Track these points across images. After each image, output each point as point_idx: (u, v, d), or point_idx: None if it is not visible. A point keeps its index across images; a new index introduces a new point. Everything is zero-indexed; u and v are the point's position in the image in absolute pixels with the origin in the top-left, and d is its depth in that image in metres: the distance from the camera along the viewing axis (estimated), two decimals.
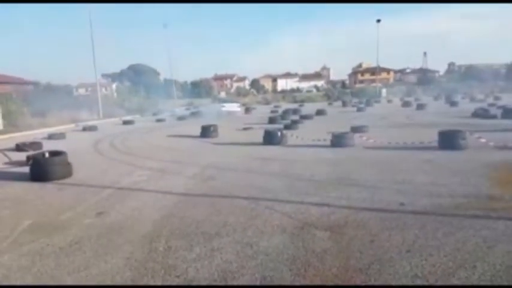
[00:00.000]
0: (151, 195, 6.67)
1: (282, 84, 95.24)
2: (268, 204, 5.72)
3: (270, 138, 12.63)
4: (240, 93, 76.06)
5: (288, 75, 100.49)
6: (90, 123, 25.13)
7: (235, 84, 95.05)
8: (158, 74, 75.30)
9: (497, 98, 34.89)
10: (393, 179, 7.03)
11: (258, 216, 5.16)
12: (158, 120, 27.79)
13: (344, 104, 39.43)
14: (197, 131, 16.26)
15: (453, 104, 30.04)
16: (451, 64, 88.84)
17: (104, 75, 73.30)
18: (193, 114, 31.42)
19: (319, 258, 3.81)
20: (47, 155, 8.85)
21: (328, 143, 11.62)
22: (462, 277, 3.31)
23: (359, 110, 29.26)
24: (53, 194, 7.07)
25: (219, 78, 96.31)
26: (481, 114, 19.47)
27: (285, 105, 41.74)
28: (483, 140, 10.28)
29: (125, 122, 26.35)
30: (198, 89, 70.97)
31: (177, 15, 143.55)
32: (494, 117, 18.23)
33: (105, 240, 4.59)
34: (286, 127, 17.32)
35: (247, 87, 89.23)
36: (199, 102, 52.16)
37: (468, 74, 70.54)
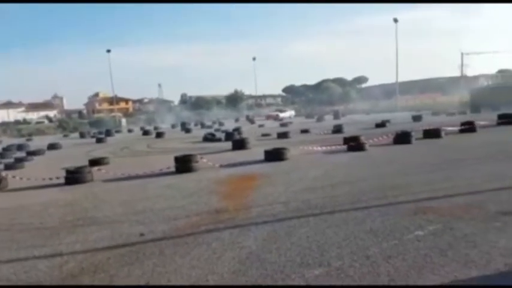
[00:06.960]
0: None
1: (3, 115, 78.83)
2: None
3: None
4: None
5: (9, 104, 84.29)
6: None
7: None
8: None
9: (221, 124, 41.86)
10: (134, 209, 6.93)
11: None
12: None
13: (82, 135, 36.79)
14: None
15: (188, 130, 33.64)
16: (183, 95, 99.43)
17: None
18: None
19: None
20: None
21: (62, 180, 10.30)
22: None
23: (99, 141, 27.94)
24: None
25: None
26: (210, 138, 22.64)
27: (7, 141, 34.52)
28: (211, 161, 11.85)
29: None
30: None
31: None
32: (219, 140, 21.60)
33: None
34: (8, 167, 14.34)
35: None
36: None
37: (198, 103, 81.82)
